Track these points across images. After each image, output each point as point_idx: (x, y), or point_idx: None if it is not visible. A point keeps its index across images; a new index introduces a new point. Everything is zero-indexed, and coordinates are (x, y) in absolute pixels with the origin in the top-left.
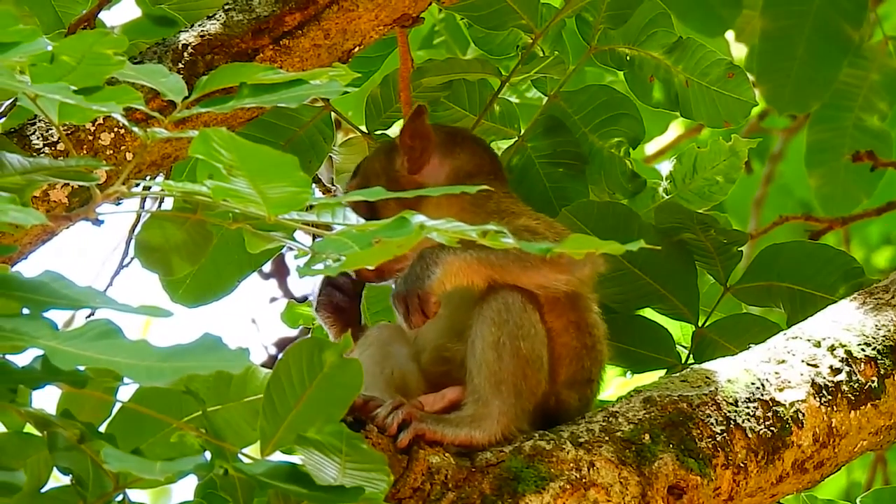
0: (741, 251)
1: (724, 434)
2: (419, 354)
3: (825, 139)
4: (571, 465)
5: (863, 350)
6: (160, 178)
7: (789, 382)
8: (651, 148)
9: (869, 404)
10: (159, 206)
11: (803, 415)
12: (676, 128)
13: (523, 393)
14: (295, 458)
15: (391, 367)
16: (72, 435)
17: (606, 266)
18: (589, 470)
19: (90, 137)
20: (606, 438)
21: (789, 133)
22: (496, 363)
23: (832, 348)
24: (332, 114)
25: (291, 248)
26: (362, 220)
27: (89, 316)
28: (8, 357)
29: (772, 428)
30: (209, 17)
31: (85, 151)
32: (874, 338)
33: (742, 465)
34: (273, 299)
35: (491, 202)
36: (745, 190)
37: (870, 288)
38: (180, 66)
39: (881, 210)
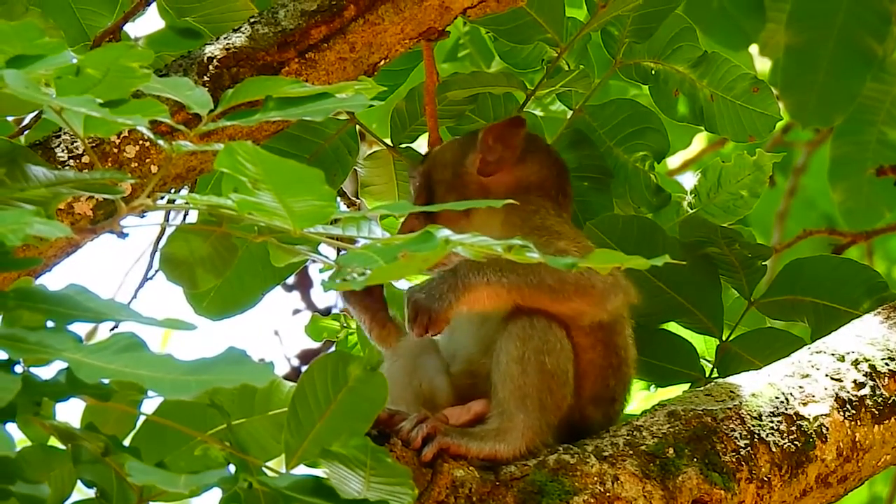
0: (765, 265)
1: (748, 448)
2: (449, 366)
3: (848, 153)
4: (596, 478)
5: (887, 364)
6: (185, 191)
7: (813, 397)
8: (675, 161)
9: (893, 418)
10: (184, 219)
11: (827, 429)
12: (700, 141)
13: (548, 407)
14: (319, 472)
15: (419, 379)
16: (96, 448)
17: (638, 296)
18: (613, 484)
19: (115, 150)
20: (630, 452)
21: (813, 146)
22: (521, 377)
23: (856, 363)
24: (358, 127)
25: (315, 261)
26: (387, 234)
27: (113, 329)
28: (32, 370)
29: (796, 442)
30: (235, 30)
31: (110, 164)
32: None
33: (766, 479)
34: (296, 311)
35: (537, 217)
36: (768, 203)
37: (893, 303)
38: (206, 78)
39: None
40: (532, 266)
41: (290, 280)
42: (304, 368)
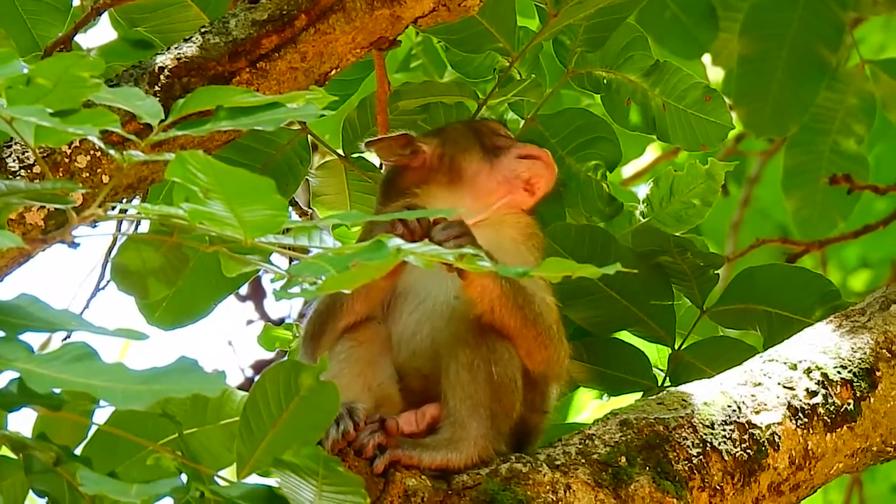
0: (718, 274)
1: (701, 456)
2: (400, 370)
3: (802, 162)
4: (548, 487)
5: (839, 373)
6: (136, 202)
7: (765, 405)
8: (628, 171)
9: (845, 427)
10: (136, 229)
11: (779, 437)
12: (653, 150)
13: (499, 415)
14: (271, 481)
15: (373, 378)
16: (48, 458)
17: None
18: (565, 493)
19: (66, 160)
20: (583, 461)
21: (766, 156)
22: (471, 385)
23: (808, 371)
24: (309, 137)
25: (268, 271)
26: (339, 244)
27: (65, 339)
28: None
29: (748, 450)
30: (186, 40)
31: (61, 174)
32: (850, 360)
33: (718, 487)
34: (249, 322)
35: (537, 239)
36: (722, 213)
37: (846, 311)
38: (157, 88)
39: (858, 233)
40: (534, 297)
41: (244, 290)
42: (257, 379)
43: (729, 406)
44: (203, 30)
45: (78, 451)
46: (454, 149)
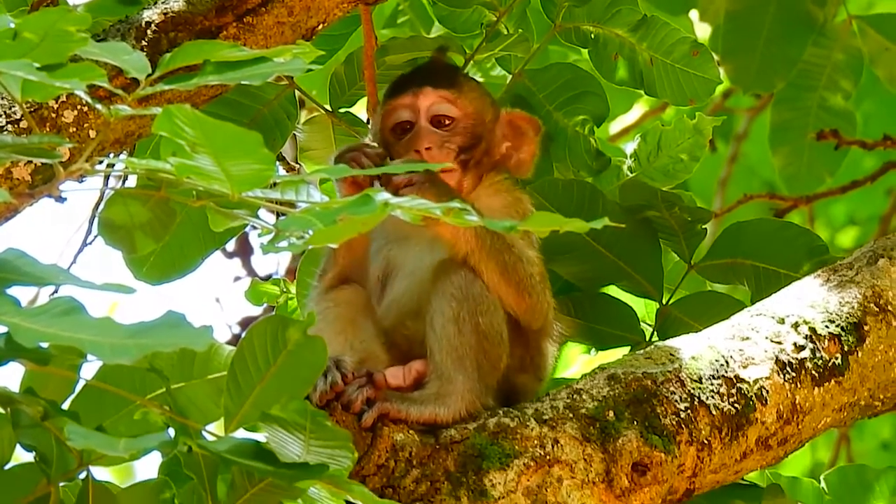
0: (705, 229)
1: (689, 411)
2: (386, 333)
3: (789, 118)
4: (535, 442)
5: (827, 327)
6: (124, 156)
7: (753, 359)
8: (615, 128)
9: (833, 381)
10: (123, 183)
11: (767, 392)
12: (641, 107)
13: (485, 368)
14: (259, 436)
15: (355, 336)
16: (35, 412)
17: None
18: (553, 447)
19: (53, 115)
20: (570, 415)
21: (754, 113)
22: (457, 338)
23: (796, 325)
24: (296, 92)
25: (255, 227)
26: (326, 199)
27: (53, 293)
28: None
29: (736, 405)
30: None
31: (48, 129)
32: (838, 314)
33: (706, 441)
34: (237, 278)
35: (523, 206)
36: (709, 170)
37: (834, 265)
38: (143, 43)
39: (846, 188)
40: (512, 246)
41: (231, 247)
42: (244, 333)
43: (717, 360)
44: None
45: (65, 406)
46: None
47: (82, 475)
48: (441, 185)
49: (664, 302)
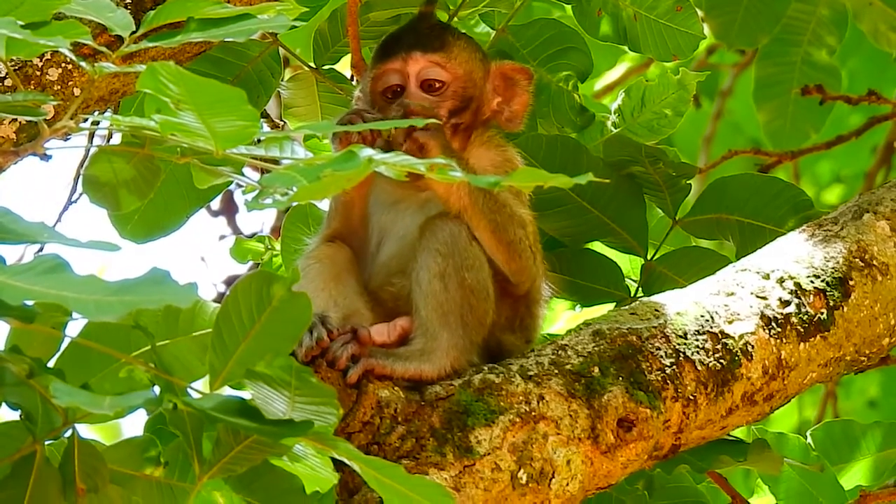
0: (690, 184)
1: (674, 367)
2: (372, 293)
3: (774, 74)
4: (521, 398)
5: (812, 282)
6: (108, 114)
7: (738, 315)
8: (599, 85)
9: (818, 336)
10: (107, 141)
11: (752, 347)
12: (625, 65)
13: (471, 324)
14: (244, 393)
15: (339, 294)
16: (20, 370)
17: (548, 285)
18: (538, 403)
19: (37, 73)
20: (556, 371)
21: (738, 69)
22: (442, 293)
23: (781, 280)
24: (280, 49)
25: (240, 185)
26: (310, 155)
27: (38, 252)
28: None
29: (721, 360)
30: None
31: (32, 87)
32: (823, 270)
33: (692, 397)
34: (222, 237)
35: (513, 165)
36: (694, 127)
37: (819, 220)
38: (127, 0)
39: (831, 144)
40: (504, 206)
41: (216, 206)
42: (229, 290)
43: (702, 316)
44: None
45: (51, 364)
46: None
47: (68, 433)
48: (443, 140)
49: (649, 258)
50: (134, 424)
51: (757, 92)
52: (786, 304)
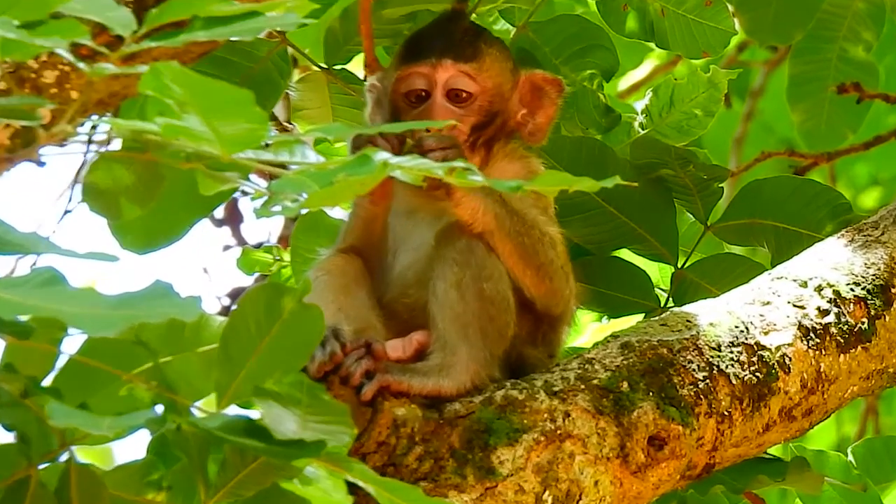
0: (721, 188)
1: (707, 381)
2: (387, 305)
3: (808, 71)
4: (545, 415)
5: (852, 290)
6: (108, 118)
7: (775, 325)
8: (625, 84)
9: (859, 347)
10: (107, 146)
11: (790, 359)
12: (651, 62)
13: (491, 336)
14: (252, 412)
15: (350, 304)
16: (15, 389)
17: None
18: (564, 420)
19: (33, 75)
20: (582, 387)
21: (770, 67)
22: (460, 304)
23: (819, 288)
24: (289, 48)
25: (246, 192)
26: (322, 159)
27: (33, 264)
28: None
29: (757, 374)
30: None
31: (28, 90)
32: (864, 277)
33: (726, 413)
34: (227, 247)
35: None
36: (724, 128)
37: (858, 225)
38: None
39: (869, 144)
40: (533, 227)
41: (220, 215)
42: (236, 302)
43: (736, 327)
44: None
45: (47, 382)
46: None
47: (65, 456)
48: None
49: (679, 265)
50: (128, 448)
51: (790, 91)
52: (825, 313)
